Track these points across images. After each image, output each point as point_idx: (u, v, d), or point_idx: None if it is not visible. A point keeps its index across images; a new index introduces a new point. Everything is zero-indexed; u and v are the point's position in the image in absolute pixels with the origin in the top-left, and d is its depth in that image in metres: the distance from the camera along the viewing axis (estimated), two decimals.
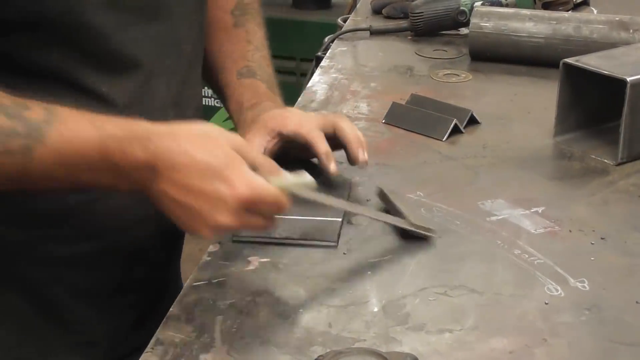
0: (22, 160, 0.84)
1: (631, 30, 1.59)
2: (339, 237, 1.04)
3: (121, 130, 0.85)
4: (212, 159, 0.84)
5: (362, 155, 1.10)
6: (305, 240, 1.03)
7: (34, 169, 0.84)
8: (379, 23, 1.95)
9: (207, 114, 3.35)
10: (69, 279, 1.03)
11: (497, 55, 1.66)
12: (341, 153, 1.28)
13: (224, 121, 3.34)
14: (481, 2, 1.86)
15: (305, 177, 0.92)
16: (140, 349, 0.85)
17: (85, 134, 0.85)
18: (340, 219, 1.07)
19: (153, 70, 1.02)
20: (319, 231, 1.04)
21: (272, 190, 0.86)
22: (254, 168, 0.87)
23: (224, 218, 0.84)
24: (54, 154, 0.84)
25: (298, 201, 0.99)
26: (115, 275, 1.07)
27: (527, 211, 1.11)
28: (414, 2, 1.85)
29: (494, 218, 1.10)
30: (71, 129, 0.85)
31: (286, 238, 1.03)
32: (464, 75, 1.61)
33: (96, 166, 0.85)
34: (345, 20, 2.02)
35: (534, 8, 1.83)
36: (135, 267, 1.09)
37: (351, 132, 1.11)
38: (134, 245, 1.07)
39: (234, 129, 1.12)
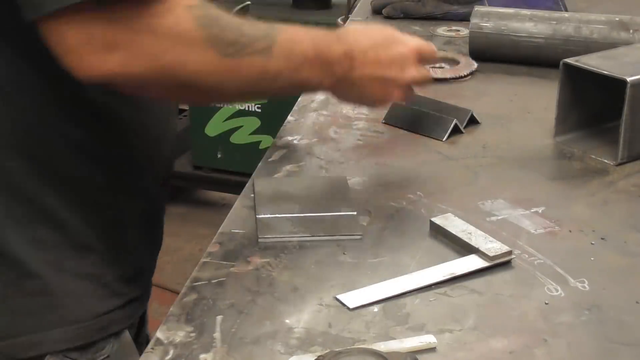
0: (263, 61, 0.98)
1: (631, 30, 1.59)
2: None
3: (324, 34, 1.07)
4: (385, 34, 1.13)
5: None
6: (331, 235, 1.04)
7: (270, 69, 1.00)
8: (379, 23, 1.95)
9: (208, 113, 3.35)
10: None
11: (497, 55, 1.66)
12: (340, 153, 1.28)
13: (223, 121, 3.35)
14: None
15: None
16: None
17: (302, 36, 1.04)
18: (355, 212, 1.08)
19: None
20: (341, 226, 1.06)
21: (425, 42, 1.18)
22: None
23: (411, 72, 1.13)
24: (284, 52, 1.00)
25: (306, 198, 1.09)
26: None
27: (527, 211, 1.11)
28: None
29: (494, 218, 1.10)
30: (291, 33, 1.03)
31: (312, 235, 1.04)
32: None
33: (312, 62, 1.03)
34: (345, 20, 2.02)
35: None
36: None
37: None
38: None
39: (235, 128, 1.23)
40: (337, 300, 0.93)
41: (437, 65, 1.62)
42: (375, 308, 0.92)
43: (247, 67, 0.97)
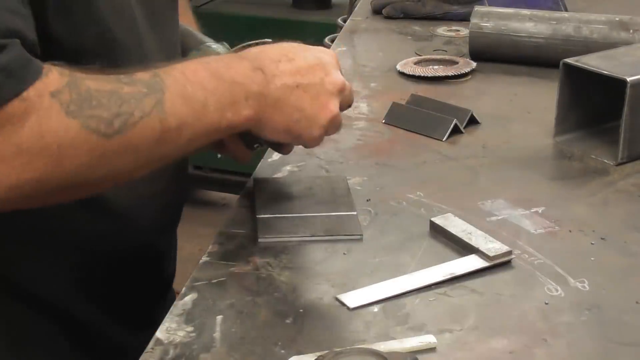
0: (157, 119, 0.83)
1: (631, 30, 1.59)
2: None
3: (222, 56, 0.93)
4: (292, 44, 0.97)
5: None
6: (331, 236, 1.04)
7: (169, 124, 0.84)
8: (379, 23, 1.95)
9: None
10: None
11: (497, 55, 1.66)
12: (340, 153, 1.28)
13: None
14: None
15: None
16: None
17: (194, 69, 0.88)
18: (355, 212, 1.08)
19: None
20: (341, 226, 1.06)
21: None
22: None
23: (338, 75, 0.97)
24: (179, 98, 0.85)
25: (306, 198, 1.08)
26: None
27: (527, 211, 1.11)
28: None
29: (494, 218, 1.10)
30: (180, 71, 0.87)
31: (312, 236, 1.04)
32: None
33: (216, 93, 0.87)
34: (345, 20, 2.03)
35: None
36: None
37: None
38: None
39: None
40: (337, 300, 0.93)
41: (436, 66, 1.62)
42: (375, 308, 0.92)
43: (141, 135, 0.83)
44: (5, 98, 0.75)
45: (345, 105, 1.01)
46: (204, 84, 0.87)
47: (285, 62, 0.93)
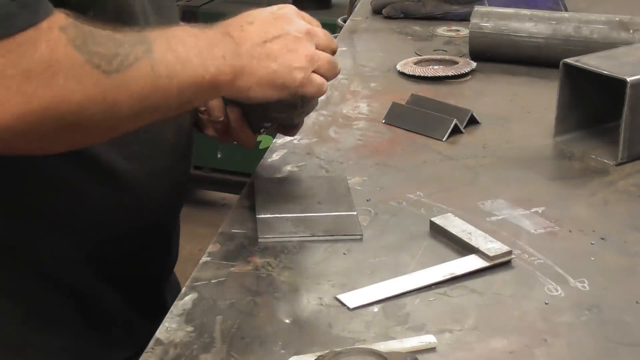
0: (149, 63, 0.86)
1: (631, 30, 1.59)
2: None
3: (192, 24, 0.96)
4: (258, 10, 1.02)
5: None
6: (331, 235, 1.04)
7: (159, 69, 0.87)
8: (379, 23, 1.95)
9: None
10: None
11: (497, 55, 1.66)
12: (340, 153, 1.28)
13: None
14: None
15: None
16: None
17: (173, 29, 0.93)
18: (355, 212, 1.08)
19: None
20: (341, 226, 1.06)
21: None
22: None
23: (301, 23, 1.02)
24: (166, 49, 0.88)
25: (306, 198, 1.09)
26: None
27: (527, 211, 1.11)
28: None
29: (494, 218, 1.10)
30: (162, 30, 0.91)
31: (312, 235, 1.04)
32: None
33: (197, 48, 0.91)
34: (345, 20, 2.03)
35: None
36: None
37: None
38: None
39: None
40: (337, 300, 0.93)
41: (436, 66, 1.63)
42: (375, 308, 0.92)
43: (136, 77, 0.85)
44: (18, 27, 0.77)
45: (325, 48, 1.04)
46: (184, 41, 0.91)
47: (247, 26, 0.98)
